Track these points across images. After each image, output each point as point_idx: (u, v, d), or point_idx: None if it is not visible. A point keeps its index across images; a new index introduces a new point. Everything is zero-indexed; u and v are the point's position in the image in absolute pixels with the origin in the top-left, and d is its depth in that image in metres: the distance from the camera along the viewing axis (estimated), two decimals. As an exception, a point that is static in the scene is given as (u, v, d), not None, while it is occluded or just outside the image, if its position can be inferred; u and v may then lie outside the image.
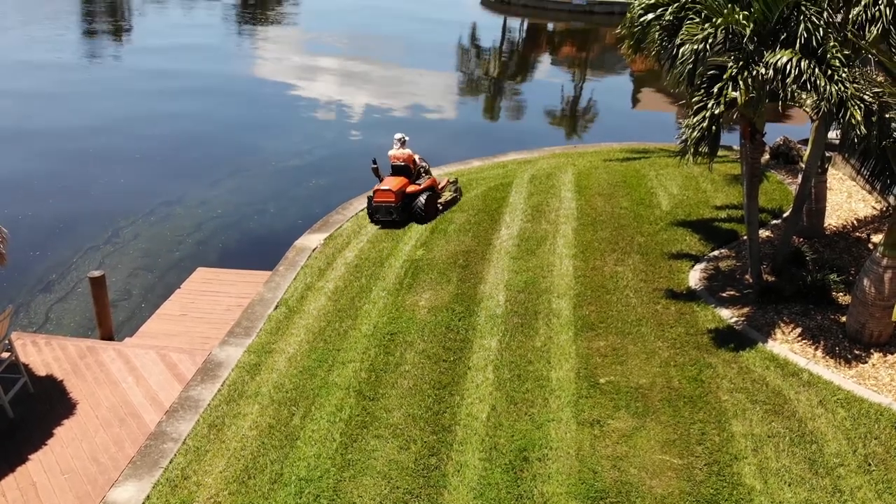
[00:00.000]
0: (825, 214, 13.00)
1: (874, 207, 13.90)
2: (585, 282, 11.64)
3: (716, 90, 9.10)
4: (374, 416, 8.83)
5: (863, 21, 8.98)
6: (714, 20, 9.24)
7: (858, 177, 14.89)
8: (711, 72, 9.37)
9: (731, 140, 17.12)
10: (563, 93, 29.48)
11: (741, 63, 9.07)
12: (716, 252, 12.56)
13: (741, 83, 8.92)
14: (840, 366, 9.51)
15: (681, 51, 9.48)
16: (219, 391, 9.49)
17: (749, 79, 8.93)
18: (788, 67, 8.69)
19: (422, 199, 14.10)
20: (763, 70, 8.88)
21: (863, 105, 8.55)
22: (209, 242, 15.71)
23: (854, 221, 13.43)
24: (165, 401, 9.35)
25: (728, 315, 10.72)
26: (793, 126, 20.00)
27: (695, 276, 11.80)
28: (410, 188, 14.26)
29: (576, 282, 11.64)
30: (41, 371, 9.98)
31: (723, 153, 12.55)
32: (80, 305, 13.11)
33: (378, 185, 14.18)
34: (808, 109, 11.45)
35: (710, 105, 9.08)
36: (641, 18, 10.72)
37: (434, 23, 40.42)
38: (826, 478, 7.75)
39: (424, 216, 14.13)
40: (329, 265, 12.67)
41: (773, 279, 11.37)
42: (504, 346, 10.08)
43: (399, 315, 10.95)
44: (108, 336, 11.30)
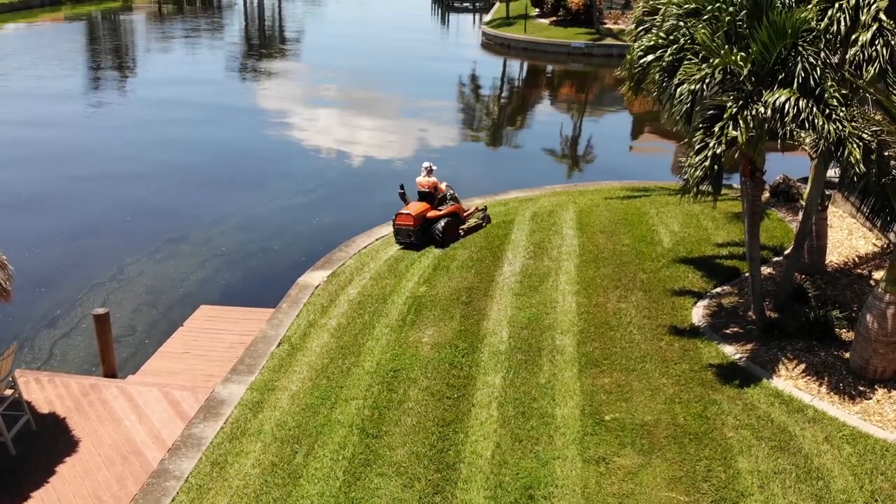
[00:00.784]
0: (826, 251, 13.07)
1: (875, 244, 13.97)
2: (589, 318, 11.65)
3: (717, 129, 9.23)
4: (378, 454, 8.78)
5: (860, 61, 9.13)
6: (711, 61, 9.41)
7: (859, 214, 14.99)
8: (711, 111, 9.51)
9: (731, 179, 17.28)
10: (563, 132, 29.79)
11: (740, 103, 9.22)
12: (718, 289, 12.59)
13: (741, 122, 9.05)
14: (845, 402, 9.48)
15: (678, 90, 9.64)
16: (221, 429, 9.45)
17: (749, 118, 9.07)
18: (787, 107, 8.82)
19: (440, 225, 14.84)
20: (762, 109, 9.02)
21: (861, 143, 8.66)
22: (213, 280, 15.76)
23: (855, 258, 13.49)
24: (168, 438, 9.31)
25: (732, 351, 10.71)
26: (792, 158, 20.19)
27: (698, 313, 11.81)
28: (431, 213, 15.02)
29: (579, 318, 11.66)
30: (44, 408, 9.95)
31: (723, 191, 12.63)
32: (85, 342, 13.11)
33: (401, 210, 14.91)
34: (808, 148, 11.59)
35: (712, 144, 9.20)
36: (641, 60, 10.89)
37: (438, 60, 40.99)
38: (834, 516, 7.69)
39: (442, 240, 14.84)
40: (332, 302, 12.70)
41: (776, 316, 11.38)
42: (508, 383, 10.06)
43: (402, 352, 10.94)
44: (112, 373, 11.29)
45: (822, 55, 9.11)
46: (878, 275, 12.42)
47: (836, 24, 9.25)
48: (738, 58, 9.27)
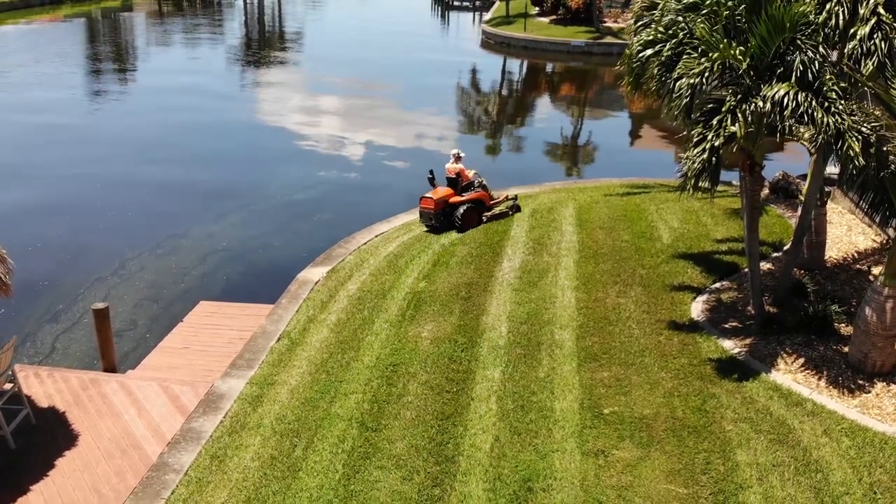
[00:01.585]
0: (825, 247, 13.07)
1: (874, 240, 13.98)
2: (588, 313, 11.66)
3: (715, 122, 9.23)
4: (377, 447, 8.79)
5: (858, 55, 9.14)
6: (710, 55, 9.42)
7: (858, 210, 15.00)
8: (710, 105, 9.52)
9: (730, 175, 17.25)
10: (563, 130, 29.79)
11: (739, 96, 9.23)
12: (717, 284, 12.60)
13: (740, 116, 9.06)
14: (844, 395, 9.49)
15: (677, 85, 9.64)
16: (221, 423, 9.47)
17: (747, 112, 9.08)
18: (786, 100, 8.83)
19: (460, 210, 15.42)
20: (761, 103, 9.02)
21: (860, 136, 8.66)
22: (213, 275, 15.78)
23: (854, 254, 13.50)
24: (167, 432, 9.32)
25: (731, 346, 10.72)
26: (790, 157, 20.20)
27: (697, 308, 11.82)
28: (454, 199, 15.59)
29: (578, 313, 11.67)
30: (43, 403, 9.97)
31: (722, 188, 12.66)
32: (86, 336, 13.13)
33: (426, 194, 15.53)
34: (807, 143, 11.60)
35: (710, 137, 9.20)
36: (640, 54, 10.91)
37: (436, 63, 40.99)
38: (832, 508, 7.70)
39: (461, 225, 15.39)
40: (331, 298, 12.71)
41: (775, 310, 11.39)
42: (507, 377, 10.07)
43: (401, 346, 10.95)
44: (111, 368, 11.30)
45: (821, 49, 9.11)
46: (878, 270, 12.42)
47: (835, 18, 9.28)
48: (737, 52, 9.28)
